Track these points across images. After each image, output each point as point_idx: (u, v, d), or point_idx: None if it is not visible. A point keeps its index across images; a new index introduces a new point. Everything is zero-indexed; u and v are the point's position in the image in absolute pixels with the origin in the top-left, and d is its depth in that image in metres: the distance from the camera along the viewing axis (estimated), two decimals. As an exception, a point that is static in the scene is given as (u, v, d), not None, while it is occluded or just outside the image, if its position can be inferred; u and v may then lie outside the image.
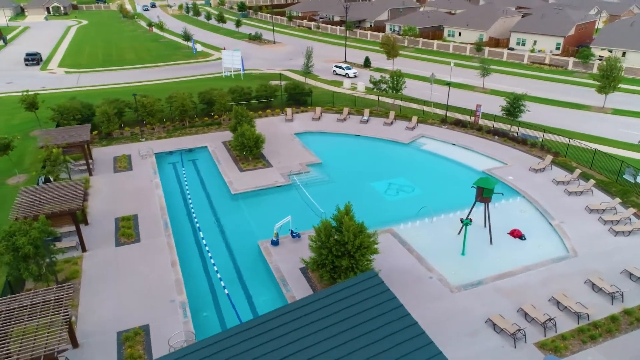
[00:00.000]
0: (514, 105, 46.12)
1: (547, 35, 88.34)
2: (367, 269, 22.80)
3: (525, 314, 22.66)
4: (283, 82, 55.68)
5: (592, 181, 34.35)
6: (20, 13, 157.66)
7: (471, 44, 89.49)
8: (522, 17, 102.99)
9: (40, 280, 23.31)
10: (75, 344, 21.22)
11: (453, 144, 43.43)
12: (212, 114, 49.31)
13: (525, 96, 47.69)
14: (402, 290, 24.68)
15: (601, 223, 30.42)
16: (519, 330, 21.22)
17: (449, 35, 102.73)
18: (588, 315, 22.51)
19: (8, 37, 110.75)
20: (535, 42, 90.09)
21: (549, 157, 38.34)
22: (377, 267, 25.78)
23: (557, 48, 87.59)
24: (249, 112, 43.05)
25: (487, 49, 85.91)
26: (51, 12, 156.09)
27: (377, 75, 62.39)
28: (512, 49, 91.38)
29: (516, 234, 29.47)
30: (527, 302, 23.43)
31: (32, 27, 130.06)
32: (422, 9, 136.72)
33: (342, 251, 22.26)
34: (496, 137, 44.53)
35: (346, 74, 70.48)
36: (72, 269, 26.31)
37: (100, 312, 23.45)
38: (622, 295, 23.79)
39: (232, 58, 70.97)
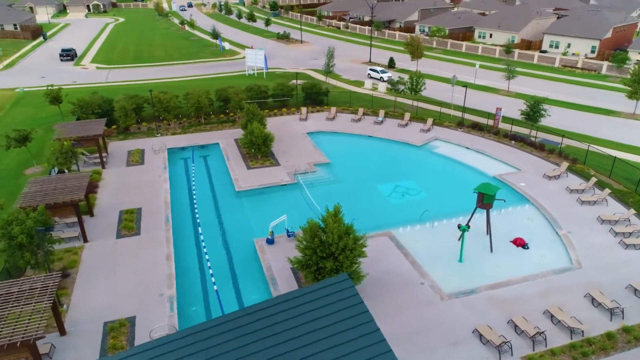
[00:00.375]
0: (533, 110, 44.57)
1: (582, 37, 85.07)
2: (353, 272, 22.48)
3: (515, 326, 21.81)
4: (300, 81, 55.68)
5: (607, 190, 32.79)
6: (62, 10, 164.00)
7: (500, 46, 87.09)
8: (558, 18, 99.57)
9: (37, 268, 24.09)
10: (62, 331, 21.82)
11: (467, 148, 42.35)
12: (228, 111, 49.83)
13: (547, 99, 46.05)
14: (391, 294, 24.33)
15: (612, 235, 28.98)
16: (505, 342, 20.43)
17: (479, 36, 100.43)
18: (582, 331, 21.45)
19: (48, 33, 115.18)
20: (569, 45, 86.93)
21: (565, 164, 36.86)
22: (367, 270, 25.39)
23: (592, 51, 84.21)
24: (260, 110, 43.29)
25: (517, 51, 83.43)
26: (91, 10, 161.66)
27: (402, 77, 61.68)
28: (544, 51, 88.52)
29: (519, 243, 28.45)
30: (519, 314, 22.55)
31: (72, 24, 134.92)
32: (455, 9, 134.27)
33: (326, 253, 22.02)
34: (513, 141, 43.15)
35: (381, 77, 67.50)
36: (71, 259, 27.09)
37: (91, 301, 24.03)
38: (623, 312, 22.58)
39: (255, 57, 71.53)
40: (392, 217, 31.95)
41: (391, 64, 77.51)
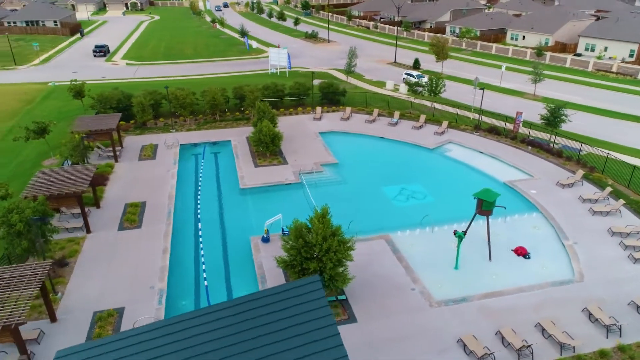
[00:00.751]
0: (554, 115, 42.93)
1: (620, 40, 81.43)
2: (337, 274, 22.23)
3: (503, 338, 21.05)
4: (319, 81, 55.57)
5: (621, 201, 31.24)
6: (102, 8, 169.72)
7: (532, 48, 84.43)
8: (597, 20, 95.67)
9: (35, 256, 24.93)
10: (53, 318, 22.51)
11: (480, 152, 41.24)
12: (243, 109, 50.27)
13: (569, 104, 44.34)
14: (379, 298, 23.94)
15: (621, 248, 27.58)
16: (488, 354, 19.74)
17: (511, 38, 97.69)
18: (574, 347, 20.47)
19: (86, 30, 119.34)
20: (605, 49, 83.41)
21: (580, 172, 35.35)
22: (358, 273, 25.17)
23: (631, 55, 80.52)
24: (271, 108, 43.46)
25: (548, 54, 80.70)
26: (129, 8, 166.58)
27: (425, 78, 60.60)
28: (579, 54, 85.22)
29: (520, 252, 27.46)
30: (510, 326, 21.74)
31: (109, 21, 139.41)
32: (490, 9, 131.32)
33: (310, 254, 21.86)
34: (529, 147, 41.72)
35: (416, 82, 62.03)
36: (72, 248, 27.93)
37: (85, 291, 24.68)
38: (620, 329, 21.41)
39: (278, 55, 71.98)
40: (394, 220, 31.43)
41: (416, 65, 76.42)
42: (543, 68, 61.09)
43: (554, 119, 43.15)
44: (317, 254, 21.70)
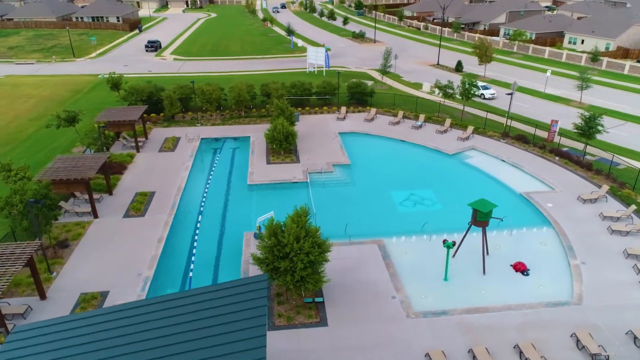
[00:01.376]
0: (589, 124, 40.00)
1: (690, 47, 74.75)
2: (308, 275, 21.91)
3: (474, 357, 19.90)
4: (354, 80, 55.04)
5: (643, 221, 28.68)
6: (164, 5, 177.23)
7: (587, 53, 79.24)
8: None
9: (37, 235, 26.41)
10: (43, 296, 23.80)
11: (502, 161, 39.24)
12: (268, 106, 50.73)
13: (608, 112, 41.17)
14: (357, 304, 23.45)
15: (635, 272, 25.29)
16: (451, 372, 18.78)
17: (569, 42, 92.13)
18: (550, 373, 19.04)
19: (146, 26, 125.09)
20: (673, 55, 76.84)
21: (605, 187, 32.77)
22: (342, 276, 24.85)
23: (701, 63, 73.64)
24: (291, 106, 43.55)
25: (605, 59, 75.40)
26: (189, 5, 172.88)
27: (452, 80, 58.53)
28: (642, 61, 79.06)
29: (519, 268, 25.85)
30: (484, 345, 20.54)
31: (168, 19, 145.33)
32: (554, 12, 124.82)
33: (284, 252, 21.70)
34: (557, 157, 39.20)
35: (481, 94, 57.90)
36: (77, 232, 29.39)
37: (79, 272, 25.90)
38: (607, 359, 19.67)
39: (316, 54, 72.07)
40: (393, 225, 30.62)
41: (458, 68, 73.97)
42: (596, 74, 57.14)
43: (588, 128, 40.24)
44: (288, 254, 21.49)
